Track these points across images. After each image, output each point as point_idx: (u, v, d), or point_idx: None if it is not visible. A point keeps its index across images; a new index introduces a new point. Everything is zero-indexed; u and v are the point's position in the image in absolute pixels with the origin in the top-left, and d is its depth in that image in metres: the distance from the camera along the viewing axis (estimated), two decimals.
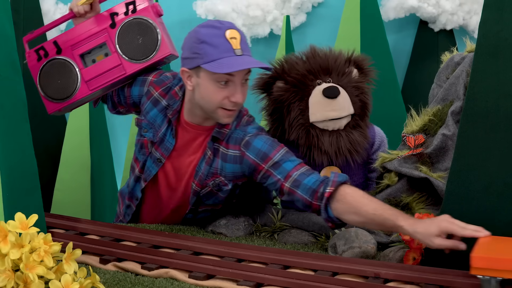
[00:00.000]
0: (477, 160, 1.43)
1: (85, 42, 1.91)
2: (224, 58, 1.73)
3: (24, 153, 1.48)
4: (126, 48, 1.90)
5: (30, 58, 1.94)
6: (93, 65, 1.91)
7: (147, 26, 1.89)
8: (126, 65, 1.91)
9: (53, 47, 1.92)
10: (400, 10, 2.98)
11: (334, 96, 1.87)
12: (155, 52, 1.89)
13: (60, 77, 1.91)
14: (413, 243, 1.54)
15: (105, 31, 1.90)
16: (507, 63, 1.40)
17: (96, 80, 1.92)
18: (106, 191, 3.22)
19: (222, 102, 1.79)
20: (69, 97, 1.92)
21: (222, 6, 3.06)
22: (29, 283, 1.17)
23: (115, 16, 1.90)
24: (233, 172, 1.89)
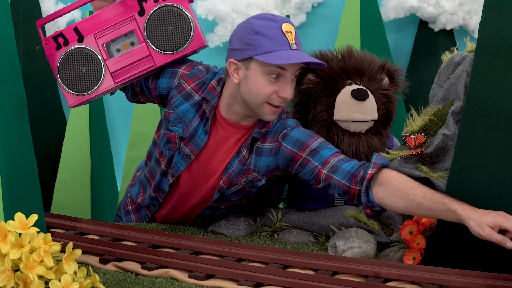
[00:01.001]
0: (477, 160, 1.43)
1: (110, 30, 1.77)
2: (280, 51, 1.69)
3: (24, 153, 1.48)
4: (156, 37, 1.76)
5: (48, 46, 1.81)
6: (119, 56, 1.78)
7: (179, 15, 1.74)
8: (156, 56, 1.78)
9: (74, 34, 1.78)
10: (400, 10, 2.98)
11: (363, 98, 1.88)
12: (188, 43, 1.76)
13: (82, 68, 1.77)
14: (413, 243, 1.54)
15: (133, 18, 1.76)
16: (507, 63, 1.40)
17: (123, 72, 1.79)
18: (106, 191, 3.22)
19: (271, 96, 1.74)
20: (92, 90, 1.79)
21: (222, 6, 3.06)
22: (29, 283, 1.17)
23: (143, 3, 1.74)
24: (268, 165, 1.84)
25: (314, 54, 2.00)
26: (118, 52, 1.78)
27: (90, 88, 1.78)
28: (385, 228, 1.79)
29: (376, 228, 1.78)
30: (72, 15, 3.34)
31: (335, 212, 1.87)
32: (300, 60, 1.72)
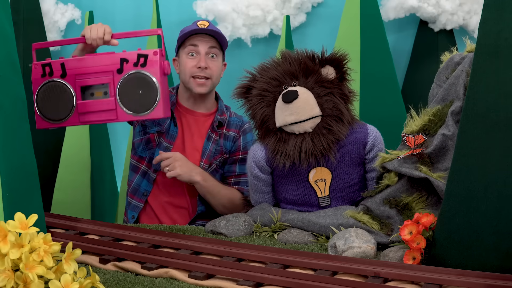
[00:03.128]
0: (477, 160, 1.43)
1: (90, 76, 1.93)
2: (189, 30, 2.26)
3: (24, 153, 1.48)
4: (124, 97, 1.92)
5: (35, 71, 1.97)
6: (90, 101, 1.93)
7: (150, 85, 1.90)
8: (119, 112, 1.93)
9: (59, 68, 1.94)
10: (400, 10, 2.98)
11: (289, 100, 1.85)
12: (148, 112, 1.91)
13: (57, 100, 1.94)
14: (413, 243, 1.54)
15: (111, 73, 1.92)
16: (507, 63, 1.40)
17: (88, 115, 1.94)
18: (106, 191, 3.23)
19: (192, 70, 2.27)
20: (59, 121, 1.95)
21: (222, 6, 3.06)
22: (29, 283, 1.17)
23: (124, 63, 1.91)
24: (230, 149, 2.34)
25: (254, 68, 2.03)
26: (92, 96, 1.94)
27: (57, 120, 1.95)
28: (384, 228, 1.79)
29: (375, 228, 1.78)
30: (72, 15, 3.35)
31: (334, 212, 1.87)
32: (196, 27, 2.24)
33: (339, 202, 1.95)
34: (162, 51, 1.92)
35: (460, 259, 1.45)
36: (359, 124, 1.96)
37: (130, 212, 2.33)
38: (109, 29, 2.02)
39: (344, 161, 1.92)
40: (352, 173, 1.94)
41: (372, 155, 1.93)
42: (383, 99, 2.86)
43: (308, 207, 1.96)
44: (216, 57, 2.30)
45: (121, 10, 3.40)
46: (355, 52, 2.79)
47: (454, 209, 1.47)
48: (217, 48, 2.31)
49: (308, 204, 1.96)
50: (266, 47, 3.19)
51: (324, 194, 1.94)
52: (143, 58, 1.91)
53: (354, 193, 1.96)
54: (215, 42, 2.30)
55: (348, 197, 1.96)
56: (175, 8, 3.31)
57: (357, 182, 1.96)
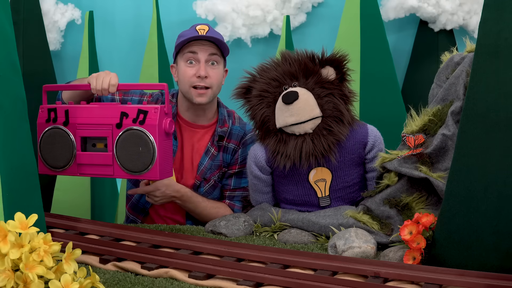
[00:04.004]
0: (477, 160, 1.43)
1: (91, 127, 1.85)
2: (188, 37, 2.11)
3: (24, 153, 1.48)
4: (121, 153, 1.82)
5: (41, 115, 1.92)
6: (89, 153, 1.85)
7: (147, 144, 1.78)
8: (116, 169, 1.83)
9: (63, 115, 1.88)
10: (400, 10, 2.98)
11: (289, 101, 1.85)
12: (144, 172, 1.80)
13: (58, 148, 1.87)
14: (413, 243, 1.54)
15: (110, 127, 1.83)
16: (507, 63, 1.40)
17: (86, 167, 1.87)
18: (106, 191, 3.23)
19: (192, 79, 2.12)
20: (59, 170, 1.89)
21: (222, 6, 3.06)
22: (29, 283, 1.17)
23: (124, 118, 1.81)
24: (230, 162, 2.22)
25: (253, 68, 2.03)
26: (93, 147, 1.87)
27: (57, 168, 1.88)
28: (384, 227, 1.79)
29: (375, 228, 1.78)
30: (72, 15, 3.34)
31: (334, 212, 1.87)
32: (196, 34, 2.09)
33: (339, 202, 1.95)
34: (164, 108, 1.80)
35: (460, 259, 1.45)
36: (359, 124, 1.96)
37: None
38: (115, 80, 1.91)
39: (344, 161, 1.92)
40: (352, 173, 1.94)
41: (372, 155, 1.93)
42: (383, 99, 2.86)
43: (308, 207, 1.96)
44: (216, 65, 2.16)
45: (121, 10, 3.39)
46: (355, 52, 2.79)
47: (454, 209, 1.47)
48: (218, 55, 2.17)
49: (308, 204, 1.96)
50: (266, 47, 3.19)
51: (324, 194, 1.94)
52: (142, 114, 1.80)
53: (354, 193, 1.96)
54: (216, 48, 2.16)
55: (348, 197, 1.96)
56: (175, 8, 3.31)
57: (357, 182, 1.96)
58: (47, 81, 3.17)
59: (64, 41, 3.41)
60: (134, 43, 3.37)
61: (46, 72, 3.17)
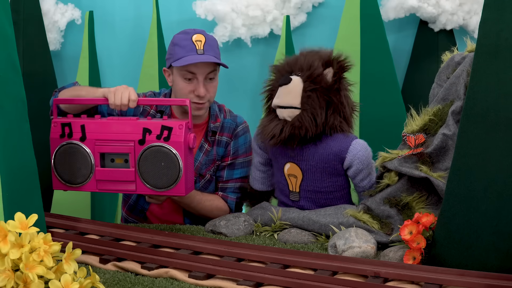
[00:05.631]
0: (477, 160, 1.43)
1: (110, 143, 1.81)
2: (187, 56, 2.06)
3: (24, 153, 1.48)
4: (145, 170, 1.79)
5: (54, 129, 1.85)
6: (109, 169, 1.81)
7: (172, 161, 1.76)
8: (138, 185, 1.80)
9: (79, 131, 1.82)
10: (400, 10, 2.98)
11: (281, 84, 1.91)
12: (170, 188, 1.78)
13: (75, 164, 1.83)
14: (413, 243, 1.54)
15: (132, 143, 1.79)
16: (507, 63, 1.40)
17: (106, 183, 1.83)
18: None
19: (189, 95, 2.09)
20: (76, 185, 1.84)
21: (221, 6, 3.05)
22: (29, 283, 1.17)
23: (147, 134, 1.78)
24: (222, 155, 2.23)
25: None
26: (112, 162, 1.82)
27: (74, 184, 1.84)
28: (385, 227, 1.80)
29: (375, 227, 1.78)
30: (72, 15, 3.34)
31: (335, 211, 1.87)
32: (196, 61, 2.04)
33: (310, 203, 1.95)
34: (188, 124, 1.79)
35: (460, 259, 1.45)
36: (344, 137, 1.91)
37: None
38: (134, 95, 1.86)
39: (316, 166, 1.91)
40: (326, 181, 1.93)
41: (352, 172, 1.91)
42: (383, 99, 2.86)
43: (283, 196, 2.02)
44: (214, 78, 2.14)
45: (121, 10, 3.39)
46: (355, 52, 2.79)
47: (454, 209, 1.47)
48: (215, 70, 2.13)
49: (283, 193, 2.02)
50: (266, 47, 3.19)
51: (295, 190, 1.96)
52: (167, 131, 1.77)
53: (328, 200, 1.95)
54: (213, 65, 2.12)
55: (319, 202, 1.95)
56: (175, 8, 3.31)
57: (332, 191, 1.94)
58: (47, 81, 3.17)
59: (64, 41, 3.41)
60: (134, 43, 3.37)
61: (46, 72, 3.17)
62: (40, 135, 2.98)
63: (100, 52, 3.30)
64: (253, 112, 3.01)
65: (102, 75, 3.36)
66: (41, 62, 3.14)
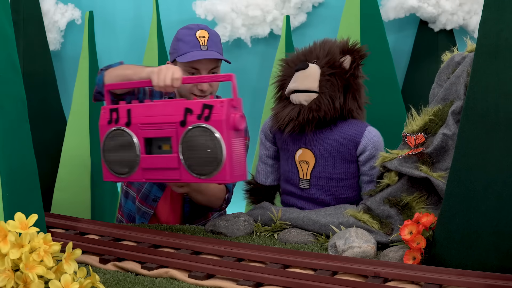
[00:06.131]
0: (477, 160, 1.43)
1: (154, 127, 1.69)
2: (191, 52, 2.09)
3: (24, 153, 1.48)
4: (188, 154, 1.64)
5: (103, 116, 1.77)
6: (154, 156, 1.70)
7: (213, 143, 1.59)
8: (183, 172, 1.66)
9: (125, 115, 1.72)
10: (400, 10, 2.98)
11: (297, 69, 1.94)
12: (213, 174, 1.61)
13: (121, 152, 1.73)
14: (413, 243, 1.54)
15: (175, 126, 1.65)
16: (507, 63, 1.40)
17: (152, 172, 1.71)
18: (106, 191, 3.23)
19: (192, 89, 2.11)
20: (124, 175, 1.74)
21: (221, 6, 3.06)
22: (29, 283, 1.17)
23: (188, 114, 1.63)
24: None
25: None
26: (159, 149, 1.71)
27: (122, 174, 1.74)
28: (385, 227, 1.80)
29: (375, 227, 1.78)
30: (72, 15, 3.35)
31: (335, 211, 1.87)
32: (200, 57, 2.07)
33: (320, 191, 1.96)
34: (232, 101, 1.63)
35: (460, 259, 1.45)
36: (359, 122, 1.97)
37: (139, 219, 2.27)
38: (178, 73, 1.78)
39: (331, 151, 1.93)
40: (338, 167, 1.95)
41: (364, 158, 1.94)
42: (383, 99, 2.86)
43: (291, 185, 2.02)
44: (216, 73, 2.16)
45: (121, 10, 3.40)
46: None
47: (454, 209, 1.47)
48: (218, 66, 2.16)
49: (291, 182, 2.02)
50: (266, 47, 3.19)
51: (305, 177, 1.96)
52: (207, 109, 1.61)
53: (338, 188, 1.96)
54: (216, 61, 2.15)
55: (330, 191, 1.96)
56: (175, 8, 3.31)
57: (343, 179, 1.96)
58: (47, 81, 3.18)
59: (64, 41, 3.41)
60: (134, 43, 3.37)
61: (46, 72, 3.17)
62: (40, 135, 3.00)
63: (100, 52, 3.30)
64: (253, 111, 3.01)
65: None
66: (41, 62, 3.15)
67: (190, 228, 1.97)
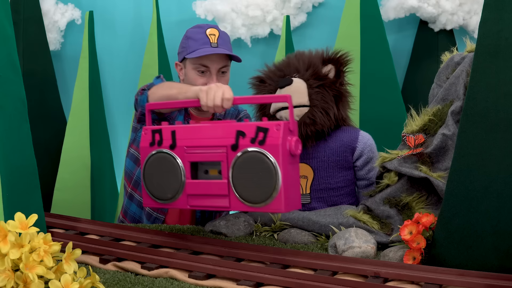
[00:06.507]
0: (477, 160, 1.43)
1: (202, 150, 1.58)
2: (201, 49, 2.08)
3: (24, 153, 1.48)
4: (239, 181, 1.53)
5: (145, 137, 1.67)
6: (201, 182, 1.59)
7: (268, 169, 1.48)
8: (233, 200, 1.55)
9: (170, 137, 1.62)
10: (400, 10, 2.98)
11: (282, 86, 1.91)
12: (266, 203, 1.49)
13: (164, 176, 1.63)
14: (413, 243, 1.54)
15: (225, 149, 1.54)
16: (507, 63, 1.40)
17: (198, 199, 1.60)
18: (106, 191, 3.23)
19: None
20: (166, 201, 1.64)
21: (221, 6, 3.06)
22: (29, 283, 1.17)
23: (240, 137, 1.53)
24: None
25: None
26: (206, 174, 1.61)
27: (164, 199, 1.64)
28: (385, 227, 1.80)
29: (375, 227, 1.78)
30: (72, 15, 3.35)
31: (335, 211, 1.87)
32: (210, 52, 2.06)
33: (320, 203, 1.96)
34: (289, 125, 1.51)
35: (460, 259, 1.45)
36: (351, 128, 1.98)
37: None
38: (229, 93, 1.65)
39: (328, 161, 1.93)
40: (336, 176, 1.94)
41: (361, 162, 1.95)
42: (383, 99, 2.86)
43: None
44: (226, 72, 2.15)
45: (121, 10, 3.40)
46: (355, 52, 2.79)
47: (454, 209, 1.47)
48: (228, 65, 2.15)
49: None
50: (266, 47, 3.19)
51: (305, 192, 1.95)
52: (262, 132, 1.50)
53: (337, 197, 1.96)
54: (226, 59, 2.13)
55: (330, 200, 1.96)
56: (175, 8, 3.31)
57: (341, 187, 1.96)
58: (47, 81, 3.18)
59: (64, 41, 3.41)
60: (134, 43, 3.37)
61: (46, 72, 3.17)
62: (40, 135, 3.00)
63: (100, 52, 3.30)
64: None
65: (102, 75, 3.37)
66: (41, 62, 3.15)
67: (190, 228, 1.97)
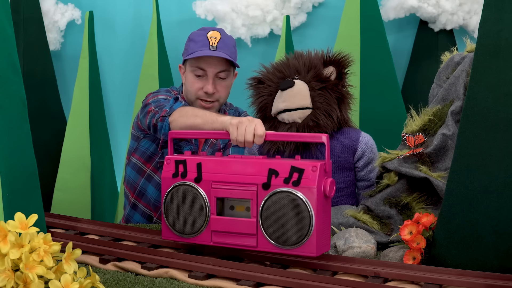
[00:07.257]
0: (477, 160, 1.43)
1: (230, 186, 1.52)
2: (200, 51, 2.06)
3: (24, 153, 1.48)
4: (268, 221, 1.48)
5: (167, 167, 1.60)
6: (227, 218, 1.53)
7: (302, 212, 1.44)
8: (261, 240, 1.49)
9: (195, 170, 1.56)
10: (400, 10, 2.98)
11: (284, 88, 1.90)
12: (297, 245, 1.45)
13: (187, 210, 1.57)
14: (413, 243, 1.54)
15: (255, 187, 1.49)
16: (507, 63, 1.40)
17: (223, 236, 1.54)
18: (106, 191, 3.23)
19: (198, 93, 2.10)
20: (188, 235, 1.58)
21: (221, 6, 3.06)
22: (29, 283, 1.17)
23: (273, 176, 1.47)
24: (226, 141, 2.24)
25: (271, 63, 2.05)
26: (231, 210, 1.55)
27: (186, 234, 1.58)
28: (385, 227, 1.80)
29: (375, 227, 1.78)
30: (72, 15, 3.34)
31: (335, 211, 1.87)
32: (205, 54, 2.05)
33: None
34: (325, 166, 1.47)
35: (460, 259, 1.45)
36: (352, 130, 1.97)
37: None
38: (261, 130, 1.59)
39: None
40: (338, 177, 1.94)
41: (362, 163, 1.95)
42: (383, 99, 2.86)
43: None
44: (225, 78, 2.12)
45: (121, 10, 3.40)
46: (355, 52, 2.79)
47: (454, 209, 1.47)
48: (227, 70, 2.11)
49: None
50: (266, 47, 3.19)
51: None
52: (297, 173, 1.45)
53: (338, 198, 1.96)
54: (226, 64, 2.09)
55: (333, 202, 1.95)
56: (175, 8, 3.32)
57: (343, 188, 1.96)
58: (47, 81, 3.18)
59: (64, 41, 3.41)
60: (134, 43, 3.37)
61: (46, 72, 3.17)
62: (40, 135, 3.00)
63: (100, 52, 3.30)
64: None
65: (102, 75, 3.37)
66: (41, 62, 3.15)
67: None
